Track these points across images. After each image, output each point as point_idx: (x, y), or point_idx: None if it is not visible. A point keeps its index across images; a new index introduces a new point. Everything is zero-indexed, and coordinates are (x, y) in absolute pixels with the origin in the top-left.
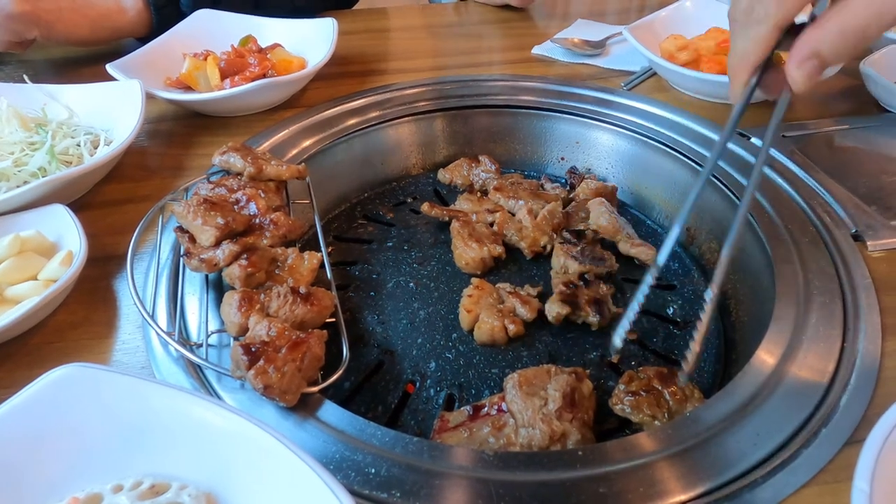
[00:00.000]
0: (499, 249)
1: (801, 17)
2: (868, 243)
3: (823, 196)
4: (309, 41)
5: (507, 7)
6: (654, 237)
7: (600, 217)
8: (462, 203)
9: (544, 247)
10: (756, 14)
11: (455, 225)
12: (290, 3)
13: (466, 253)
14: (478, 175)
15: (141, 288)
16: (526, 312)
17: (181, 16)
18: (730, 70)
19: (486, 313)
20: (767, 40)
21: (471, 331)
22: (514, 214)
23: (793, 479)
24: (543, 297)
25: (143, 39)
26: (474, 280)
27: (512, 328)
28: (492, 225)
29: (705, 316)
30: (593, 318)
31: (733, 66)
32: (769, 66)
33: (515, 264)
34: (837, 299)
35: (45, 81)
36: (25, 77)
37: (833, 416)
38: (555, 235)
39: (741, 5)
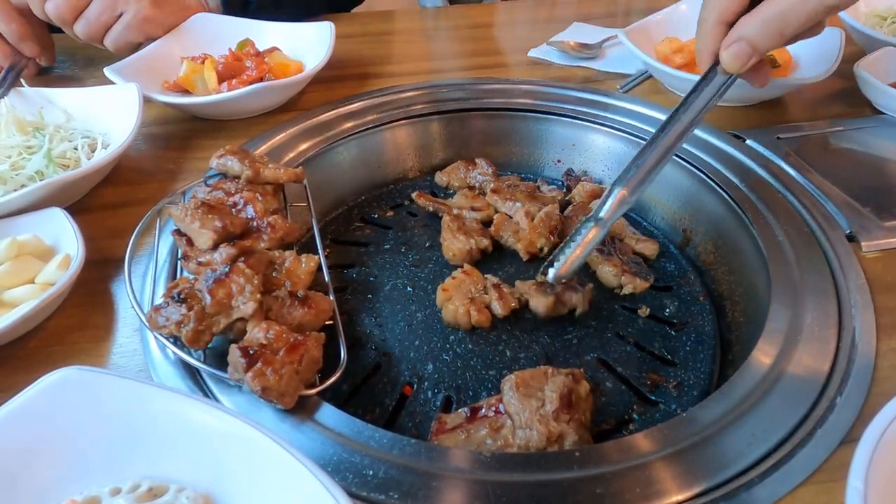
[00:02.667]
0: (485, 242)
1: None
2: (862, 244)
3: (818, 197)
4: (306, 45)
5: (496, 9)
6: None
7: None
8: (458, 199)
9: (541, 249)
10: (703, 13)
11: (446, 219)
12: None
13: (453, 244)
14: (475, 178)
15: (139, 291)
16: (498, 308)
17: (246, 6)
18: (696, 57)
19: (458, 297)
20: (714, 33)
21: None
22: (511, 217)
23: (789, 479)
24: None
25: None
26: (466, 266)
27: (475, 315)
28: (489, 224)
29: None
30: (579, 305)
31: (697, 53)
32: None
33: (513, 265)
34: (832, 300)
35: (43, 85)
36: (23, 80)
37: (828, 416)
38: (552, 237)
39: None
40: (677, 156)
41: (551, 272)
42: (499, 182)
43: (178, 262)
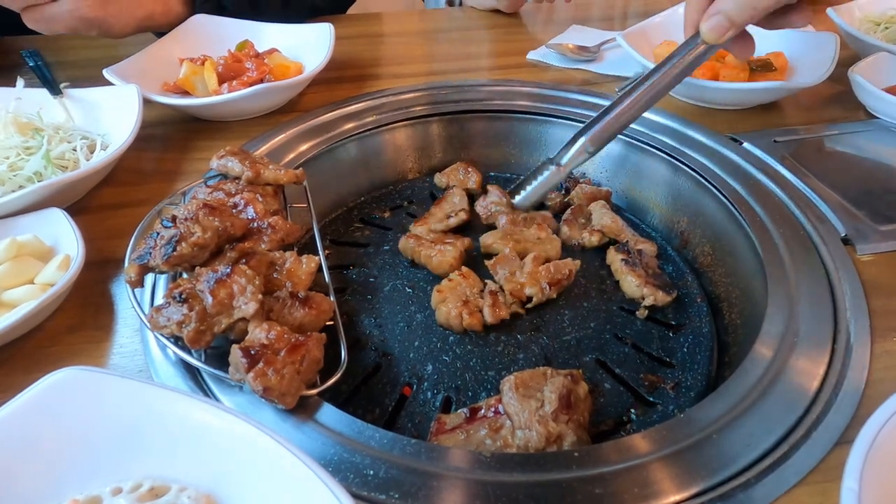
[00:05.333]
0: (463, 216)
1: None
2: (857, 247)
3: (814, 200)
4: (306, 46)
5: (497, 11)
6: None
7: (603, 217)
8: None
9: (529, 297)
10: None
11: (408, 244)
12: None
13: (440, 256)
14: (471, 178)
15: (139, 291)
16: (488, 315)
17: (221, 11)
18: (684, 26)
19: (452, 299)
20: (698, 6)
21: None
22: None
23: (785, 479)
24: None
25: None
26: (464, 268)
27: (467, 319)
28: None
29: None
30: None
31: (684, 23)
32: None
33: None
34: (828, 303)
35: (42, 86)
36: (22, 81)
37: (824, 418)
38: (548, 288)
39: None
40: (674, 158)
41: (515, 201)
42: (514, 214)
43: None
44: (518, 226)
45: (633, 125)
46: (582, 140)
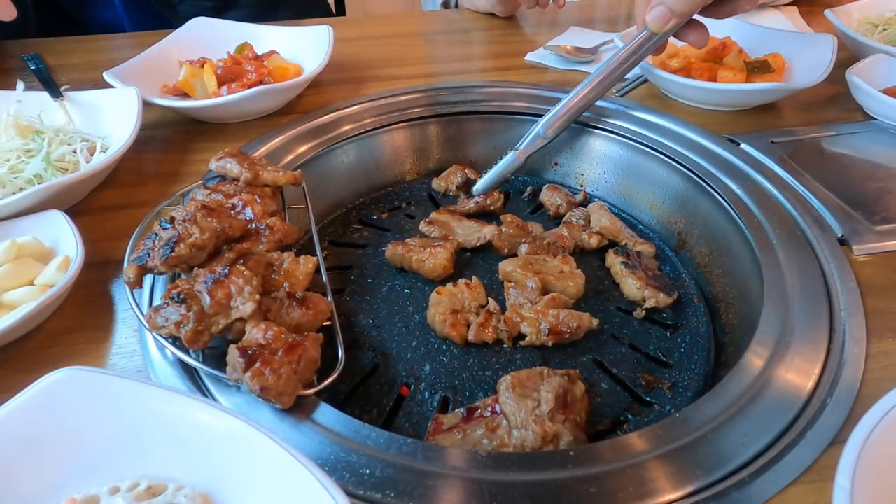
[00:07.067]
0: (455, 242)
1: None
2: (854, 247)
3: (811, 201)
4: (305, 48)
5: (493, 14)
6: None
7: (602, 219)
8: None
9: (522, 335)
10: None
11: (396, 251)
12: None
13: (432, 259)
14: (468, 178)
15: (137, 292)
16: (472, 332)
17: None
18: (636, 21)
19: (445, 303)
20: (646, 2)
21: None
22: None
23: (780, 478)
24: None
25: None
26: (474, 279)
27: (448, 328)
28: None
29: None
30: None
31: (636, 19)
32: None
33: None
34: (824, 303)
35: (42, 88)
36: (22, 84)
37: (818, 417)
38: (546, 333)
39: None
40: (671, 159)
41: (475, 187)
42: (535, 243)
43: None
44: (540, 254)
45: (629, 126)
46: (536, 128)
